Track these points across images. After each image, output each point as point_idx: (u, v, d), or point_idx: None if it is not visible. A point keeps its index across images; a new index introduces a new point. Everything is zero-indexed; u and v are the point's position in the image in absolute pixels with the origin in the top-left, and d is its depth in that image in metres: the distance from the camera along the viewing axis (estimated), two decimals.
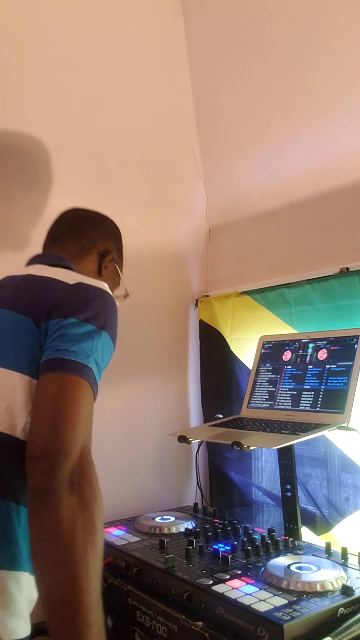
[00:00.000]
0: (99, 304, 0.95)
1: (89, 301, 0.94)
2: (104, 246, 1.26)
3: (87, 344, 0.89)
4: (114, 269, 1.29)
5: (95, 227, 1.27)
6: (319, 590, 1.11)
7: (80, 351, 0.87)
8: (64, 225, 1.27)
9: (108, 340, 0.94)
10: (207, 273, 2.16)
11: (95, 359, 0.90)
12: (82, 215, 1.30)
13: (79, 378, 0.86)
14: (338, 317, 1.59)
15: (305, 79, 1.67)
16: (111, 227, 1.32)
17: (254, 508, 1.84)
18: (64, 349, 0.87)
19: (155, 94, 1.96)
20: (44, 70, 1.68)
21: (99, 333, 0.91)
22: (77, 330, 0.89)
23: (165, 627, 1.17)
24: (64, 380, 0.85)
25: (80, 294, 0.96)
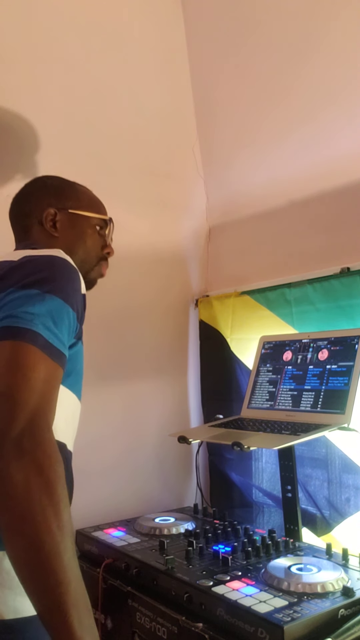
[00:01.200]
0: (43, 269, 0.91)
1: (32, 270, 0.90)
2: (39, 208, 1.16)
3: (28, 307, 0.84)
4: (67, 217, 1.17)
5: (23, 201, 1.19)
6: (320, 591, 1.10)
7: (21, 316, 0.83)
8: (11, 218, 1.22)
9: (58, 302, 0.88)
10: (207, 273, 2.16)
11: (43, 323, 0.84)
12: (12, 203, 1.22)
13: (22, 342, 0.82)
14: (339, 317, 1.59)
15: (305, 79, 1.67)
16: (36, 185, 1.21)
17: (254, 509, 1.83)
18: (4, 316, 0.84)
19: (155, 93, 1.95)
20: (44, 70, 1.67)
21: (42, 297, 0.86)
22: (18, 296, 0.86)
23: (165, 629, 1.16)
24: (8, 347, 0.81)
25: (23, 267, 0.92)
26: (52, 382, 0.83)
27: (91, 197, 1.24)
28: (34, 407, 0.79)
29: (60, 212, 1.16)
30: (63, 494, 0.76)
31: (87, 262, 1.18)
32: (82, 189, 1.23)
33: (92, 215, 1.20)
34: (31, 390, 0.79)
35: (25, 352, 0.81)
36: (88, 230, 1.19)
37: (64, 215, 1.16)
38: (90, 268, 1.20)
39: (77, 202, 1.19)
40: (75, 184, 1.23)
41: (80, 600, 0.72)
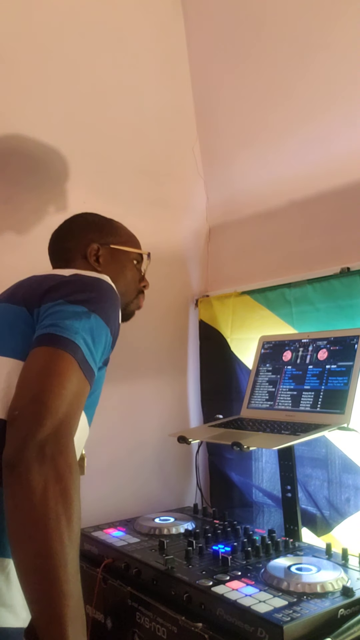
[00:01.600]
0: (92, 289, 0.95)
1: (81, 288, 0.95)
2: (82, 243, 1.23)
3: (75, 322, 0.88)
4: (109, 252, 1.24)
5: (66, 238, 1.26)
6: (319, 591, 1.10)
7: (67, 327, 0.87)
8: (50, 253, 1.28)
9: (101, 324, 0.92)
10: (207, 273, 2.16)
11: (84, 339, 0.87)
12: (53, 239, 1.29)
13: (64, 352, 0.84)
14: (339, 317, 1.59)
15: (305, 79, 1.67)
16: (79, 221, 1.28)
17: (254, 509, 1.83)
18: (50, 324, 0.87)
19: (155, 93, 1.95)
20: (44, 71, 1.67)
21: (88, 315, 0.90)
22: (66, 309, 0.89)
23: (165, 629, 1.16)
24: (49, 354, 0.84)
25: (73, 282, 0.97)
26: (81, 397, 0.86)
27: (129, 233, 1.31)
28: (63, 415, 0.80)
29: (103, 247, 1.23)
30: (77, 506, 0.77)
31: (127, 295, 1.25)
32: (119, 225, 1.30)
33: (131, 250, 1.27)
34: (62, 399, 0.81)
35: (64, 361, 0.84)
36: (128, 264, 1.26)
37: (105, 250, 1.23)
38: (129, 300, 1.27)
39: (118, 238, 1.27)
40: (113, 221, 1.30)
41: (78, 616, 0.73)
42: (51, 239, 1.29)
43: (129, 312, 1.29)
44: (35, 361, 0.85)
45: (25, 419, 0.77)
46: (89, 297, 0.93)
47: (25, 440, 0.76)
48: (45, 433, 0.76)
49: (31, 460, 0.74)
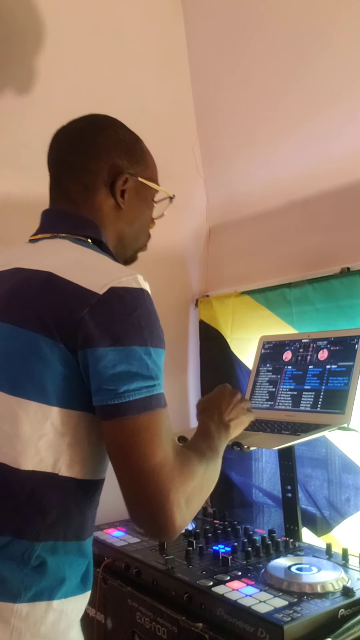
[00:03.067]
0: (140, 314, 0.82)
1: (129, 317, 0.81)
2: (109, 169, 0.99)
3: (143, 371, 0.81)
4: (136, 186, 1.02)
5: (89, 150, 0.99)
6: (320, 591, 1.10)
7: (140, 384, 0.80)
8: (56, 165, 1.02)
9: (158, 352, 0.87)
10: (207, 273, 2.16)
11: (157, 378, 0.84)
12: (68, 141, 1.02)
13: (153, 412, 0.81)
14: (339, 317, 1.58)
15: (305, 79, 1.66)
16: (109, 136, 1.01)
17: (254, 509, 1.83)
18: (123, 390, 0.79)
19: (155, 93, 1.95)
20: (43, 70, 1.67)
21: (148, 352, 0.83)
22: (128, 360, 0.80)
23: (165, 629, 1.16)
24: (138, 424, 0.79)
25: (116, 310, 0.80)
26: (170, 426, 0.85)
27: (154, 163, 1.10)
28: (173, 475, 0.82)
29: (131, 178, 1.01)
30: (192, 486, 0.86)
31: (141, 240, 1.09)
32: (147, 150, 1.08)
33: (159, 189, 1.09)
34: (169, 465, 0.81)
35: (155, 421, 0.82)
36: (150, 204, 1.08)
37: (132, 182, 1.01)
38: (141, 246, 1.11)
39: (148, 170, 1.06)
40: (141, 140, 1.07)
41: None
42: (59, 143, 1.03)
43: (135, 257, 1.12)
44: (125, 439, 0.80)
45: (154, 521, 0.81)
46: (140, 328, 0.82)
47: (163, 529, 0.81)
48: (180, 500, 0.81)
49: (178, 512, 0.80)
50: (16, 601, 0.78)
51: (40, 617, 0.80)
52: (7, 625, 0.77)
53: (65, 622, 0.83)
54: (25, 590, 0.79)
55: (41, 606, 0.80)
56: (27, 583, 0.79)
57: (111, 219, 1.00)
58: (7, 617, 0.78)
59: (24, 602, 0.79)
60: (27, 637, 0.79)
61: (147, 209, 1.07)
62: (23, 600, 0.78)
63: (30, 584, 0.79)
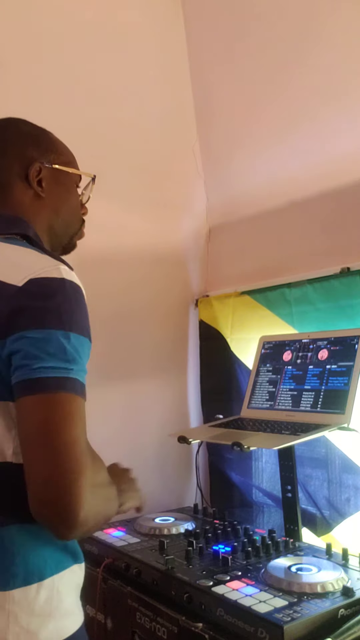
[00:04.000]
0: (59, 300, 0.82)
1: (47, 302, 0.82)
2: (20, 161, 1.00)
3: (60, 353, 0.80)
4: (51, 174, 1.03)
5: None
6: (320, 591, 1.10)
7: (56, 364, 0.79)
8: None
9: (80, 340, 0.84)
10: (207, 273, 2.16)
11: (75, 364, 0.82)
12: None
13: (67, 394, 0.79)
14: (339, 317, 1.58)
15: (305, 79, 1.67)
16: (11, 131, 1.03)
17: (254, 509, 1.83)
18: (38, 366, 0.78)
19: (155, 93, 1.95)
20: (44, 70, 1.67)
21: (67, 337, 0.81)
22: (45, 341, 0.80)
23: (165, 629, 1.16)
24: (49, 402, 0.78)
25: (34, 296, 0.82)
26: (84, 419, 0.82)
27: (68, 150, 1.11)
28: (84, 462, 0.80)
29: (45, 167, 1.02)
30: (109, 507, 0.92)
31: (72, 226, 1.09)
32: (56, 139, 1.09)
33: (77, 173, 1.08)
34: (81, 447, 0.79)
35: (72, 404, 0.80)
36: (72, 189, 1.08)
37: (48, 171, 1.02)
38: (75, 232, 1.10)
39: (60, 156, 1.06)
40: (47, 132, 1.08)
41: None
42: None
43: (72, 244, 1.11)
44: (36, 414, 0.79)
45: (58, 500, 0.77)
46: (59, 313, 0.82)
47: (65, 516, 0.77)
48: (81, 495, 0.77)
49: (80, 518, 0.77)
50: (6, 589, 0.81)
51: (32, 598, 0.83)
52: (3, 611, 0.81)
53: (58, 597, 0.86)
54: (13, 577, 0.82)
55: (32, 589, 0.83)
56: (12, 570, 0.82)
57: (36, 209, 1.01)
58: (1, 604, 0.81)
59: (15, 588, 0.82)
60: (23, 619, 0.82)
61: (70, 195, 1.08)
62: (13, 587, 0.82)
63: (16, 570, 0.82)
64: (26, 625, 0.82)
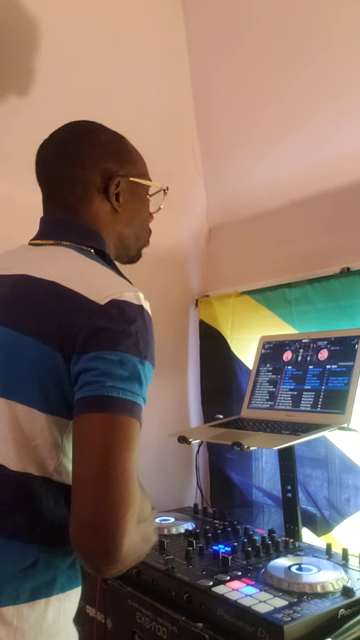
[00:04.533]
0: (138, 327, 0.82)
1: (127, 326, 0.81)
2: (99, 175, 0.98)
3: (133, 378, 0.79)
4: (129, 186, 1.01)
5: (76, 161, 0.98)
6: (320, 591, 1.10)
7: (128, 387, 0.78)
8: (46, 180, 1.01)
9: (150, 369, 0.84)
10: (207, 273, 2.16)
11: (144, 393, 0.81)
12: (54, 154, 1.01)
13: (132, 418, 0.78)
14: (339, 317, 1.59)
15: (305, 79, 1.66)
16: (93, 143, 1.00)
17: (254, 509, 1.83)
18: (111, 385, 0.77)
19: (155, 93, 1.95)
20: (44, 70, 1.67)
21: (142, 364, 0.81)
22: (121, 363, 0.79)
23: (165, 629, 1.16)
24: (115, 423, 0.76)
25: (115, 319, 0.80)
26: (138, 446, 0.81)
27: (142, 159, 1.09)
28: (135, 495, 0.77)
29: (123, 180, 1.00)
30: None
31: (142, 238, 1.09)
32: (132, 147, 1.08)
33: (151, 185, 1.08)
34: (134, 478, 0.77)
35: (133, 429, 0.78)
36: (145, 201, 1.07)
37: (125, 184, 1.01)
38: (144, 243, 1.10)
39: (137, 168, 1.05)
40: (124, 139, 1.06)
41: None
42: (45, 158, 1.01)
43: (140, 255, 1.12)
44: (98, 432, 0.76)
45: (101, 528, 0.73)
46: (137, 340, 0.81)
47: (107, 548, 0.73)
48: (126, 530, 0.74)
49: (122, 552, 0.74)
50: (16, 603, 0.79)
51: (40, 614, 0.81)
52: (10, 627, 0.79)
53: (64, 617, 0.85)
54: (23, 592, 0.80)
55: (40, 604, 0.81)
56: (24, 584, 0.80)
57: (110, 223, 1.00)
58: (9, 620, 0.79)
59: (23, 602, 0.80)
60: (31, 636, 0.80)
61: (143, 207, 1.07)
62: (22, 601, 0.80)
63: (26, 585, 0.80)
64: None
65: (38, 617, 0.81)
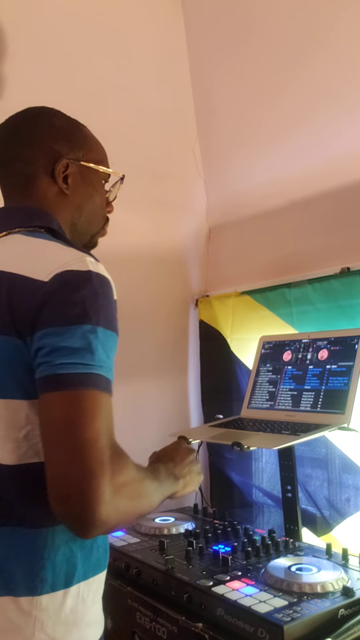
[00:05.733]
0: (85, 294, 0.80)
1: (73, 296, 0.80)
2: (48, 156, 0.98)
3: (84, 349, 0.78)
4: (79, 171, 1.01)
5: (23, 140, 0.99)
6: (320, 591, 1.10)
7: (78, 360, 0.78)
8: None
9: (107, 334, 0.81)
10: (207, 273, 2.16)
11: (100, 360, 0.79)
12: (4, 135, 1.01)
13: (88, 390, 0.78)
14: (339, 317, 1.59)
15: (305, 79, 1.67)
16: (42, 124, 1.01)
17: (254, 509, 1.83)
18: (60, 362, 0.77)
19: (155, 93, 1.95)
20: (44, 70, 1.67)
21: (94, 331, 0.79)
22: (69, 336, 0.78)
23: (165, 629, 1.16)
24: (71, 399, 0.77)
25: (60, 291, 0.80)
26: (111, 414, 0.81)
27: (100, 146, 1.09)
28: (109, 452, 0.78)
29: (72, 163, 1.00)
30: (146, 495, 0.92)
31: (95, 224, 1.08)
32: (89, 134, 1.08)
33: (106, 171, 1.07)
34: (104, 441, 0.78)
35: (94, 400, 0.78)
36: (99, 187, 1.06)
37: (75, 167, 1.00)
38: (97, 230, 1.09)
39: (89, 153, 1.04)
40: (80, 125, 1.07)
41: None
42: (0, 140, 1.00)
43: (94, 242, 1.09)
44: (57, 411, 0.77)
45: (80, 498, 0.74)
46: (85, 307, 0.80)
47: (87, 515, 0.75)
48: (105, 492, 0.75)
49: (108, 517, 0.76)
50: (34, 594, 0.81)
51: (59, 605, 0.83)
52: (29, 618, 0.81)
53: (83, 606, 0.86)
54: (42, 583, 0.81)
55: (59, 595, 0.83)
56: (42, 575, 0.81)
57: (59, 205, 0.99)
58: (28, 610, 0.81)
59: (43, 594, 0.81)
60: (49, 626, 0.82)
61: (95, 193, 1.05)
62: (41, 593, 0.81)
63: (45, 575, 0.82)
64: (52, 633, 0.82)
65: (57, 607, 0.83)
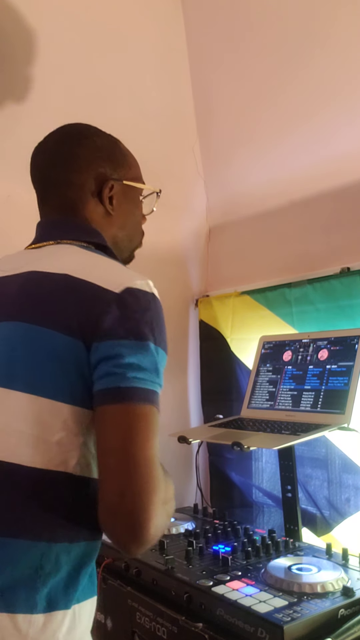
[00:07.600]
0: (152, 314, 0.85)
1: (144, 314, 0.83)
2: (94, 179, 0.99)
3: (151, 366, 0.82)
4: (122, 190, 1.03)
5: (70, 165, 0.99)
6: (320, 591, 1.10)
7: (147, 376, 0.80)
8: (40, 183, 1.02)
9: (164, 356, 0.86)
10: (207, 273, 2.16)
11: (160, 379, 0.84)
12: (48, 158, 1.01)
13: (151, 407, 0.80)
14: (339, 317, 1.59)
15: (305, 78, 1.67)
16: (87, 146, 1.01)
17: (254, 509, 1.83)
18: (132, 376, 0.79)
19: (155, 93, 1.95)
20: (44, 70, 1.67)
21: (156, 350, 0.83)
22: (141, 353, 0.81)
23: (165, 629, 1.16)
24: (137, 413, 0.78)
25: (131, 307, 0.82)
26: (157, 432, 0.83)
27: (135, 161, 1.10)
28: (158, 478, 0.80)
29: (116, 183, 1.01)
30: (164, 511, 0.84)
31: (135, 240, 1.10)
32: (125, 150, 1.08)
33: (145, 188, 1.09)
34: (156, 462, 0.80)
35: (152, 417, 0.80)
36: (138, 203, 1.09)
37: (118, 187, 1.02)
38: (137, 245, 1.11)
39: (129, 170, 1.05)
40: (119, 142, 1.07)
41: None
42: (40, 160, 1.02)
43: (132, 257, 1.12)
44: (119, 423, 0.78)
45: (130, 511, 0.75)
46: (151, 327, 0.83)
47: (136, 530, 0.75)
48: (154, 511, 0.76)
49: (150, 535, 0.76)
50: (33, 612, 0.77)
51: (57, 625, 0.79)
52: (20, 635, 0.76)
53: (80, 628, 0.82)
54: (40, 600, 0.77)
55: (58, 615, 0.79)
56: (40, 591, 0.78)
57: (103, 226, 1.01)
58: (25, 629, 0.76)
59: (41, 612, 0.77)
60: None
61: (136, 209, 1.08)
62: (40, 611, 0.77)
63: (43, 592, 0.78)
64: None
65: (55, 628, 0.78)
